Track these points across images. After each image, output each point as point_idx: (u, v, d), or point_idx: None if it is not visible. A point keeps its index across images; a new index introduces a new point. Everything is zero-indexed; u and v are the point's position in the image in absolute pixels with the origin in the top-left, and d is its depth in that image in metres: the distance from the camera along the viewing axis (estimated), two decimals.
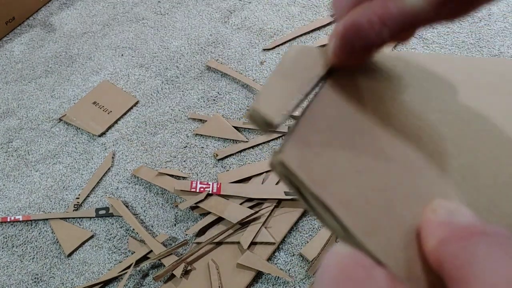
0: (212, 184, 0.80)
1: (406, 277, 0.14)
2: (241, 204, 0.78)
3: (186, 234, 0.78)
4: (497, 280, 0.11)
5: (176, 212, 0.81)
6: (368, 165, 0.17)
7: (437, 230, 0.14)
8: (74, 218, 0.83)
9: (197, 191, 0.80)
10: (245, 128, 0.89)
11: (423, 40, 0.97)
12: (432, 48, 0.96)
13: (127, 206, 0.82)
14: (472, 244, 0.12)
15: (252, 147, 0.87)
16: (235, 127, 0.89)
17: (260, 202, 0.79)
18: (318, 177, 0.16)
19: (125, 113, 0.95)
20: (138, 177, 0.86)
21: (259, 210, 0.77)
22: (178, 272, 0.73)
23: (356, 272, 0.13)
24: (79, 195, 0.85)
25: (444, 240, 0.13)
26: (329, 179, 0.16)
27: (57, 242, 0.80)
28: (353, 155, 0.17)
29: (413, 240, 0.15)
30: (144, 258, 0.77)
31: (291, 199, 0.78)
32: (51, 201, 0.85)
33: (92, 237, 0.80)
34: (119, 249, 0.79)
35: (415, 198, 0.16)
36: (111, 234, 0.80)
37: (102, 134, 0.92)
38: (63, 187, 0.86)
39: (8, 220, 0.83)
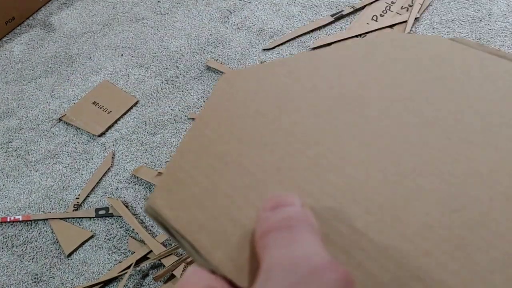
0: None
1: (246, 280, 0.17)
2: None
3: None
4: (271, 261, 0.15)
5: None
6: (222, 187, 0.20)
7: (258, 226, 0.17)
8: (74, 218, 0.83)
9: None
10: None
11: None
12: None
13: (127, 206, 0.82)
14: (266, 238, 0.16)
15: None
16: None
17: None
18: (176, 212, 0.19)
19: (125, 113, 0.95)
20: (138, 177, 0.86)
21: None
22: (178, 272, 0.73)
23: None
24: (79, 195, 0.85)
25: (260, 234, 0.17)
26: (187, 209, 0.19)
27: (57, 242, 0.80)
28: (211, 182, 0.20)
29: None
30: (144, 258, 0.77)
31: None
32: (51, 201, 0.85)
33: (92, 237, 0.80)
34: (119, 249, 0.78)
35: (256, 203, 0.19)
36: (111, 234, 0.80)
37: (102, 134, 0.92)
38: (63, 187, 0.86)
39: (8, 220, 0.83)
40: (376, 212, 0.19)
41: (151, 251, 0.76)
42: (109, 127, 0.93)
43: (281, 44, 1.01)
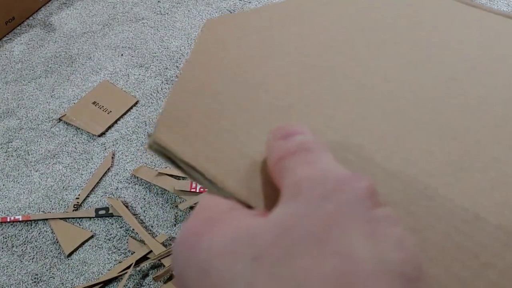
0: None
1: (262, 203, 0.17)
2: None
3: None
4: (297, 178, 0.15)
5: (176, 212, 0.81)
6: (226, 117, 0.21)
7: (272, 153, 0.18)
8: (74, 218, 0.83)
9: (197, 191, 0.80)
10: None
11: None
12: None
13: (127, 206, 0.82)
14: (285, 162, 0.17)
15: None
16: None
17: None
18: (182, 144, 0.20)
19: (125, 113, 0.95)
20: (138, 177, 0.86)
21: None
22: None
23: (212, 213, 0.16)
24: (79, 195, 0.85)
25: (274, 164, 0.17)
26: (193, 141, 0.20)
27: (57, 242, 0.80)
28: (211, 119, 0.21)
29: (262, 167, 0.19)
30: (144, 258, 0.77)
31: None
32: (51, 201, 0.85)
33: (92, 237, 0.80)
34: (119, 249, 0.78)
35: (264, 131, 0.20)
36: (111, 234, 0.80)
37: (102, 134, 0.92)
38: (63, 187, 0.86)
39: (8, 220, 0.83)
40: (379, 141, 0.20)
41: (151, 251, 0.76)
42: (109, 127, 0.93)
43: None
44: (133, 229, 0.79)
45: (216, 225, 0.16)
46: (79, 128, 0.94)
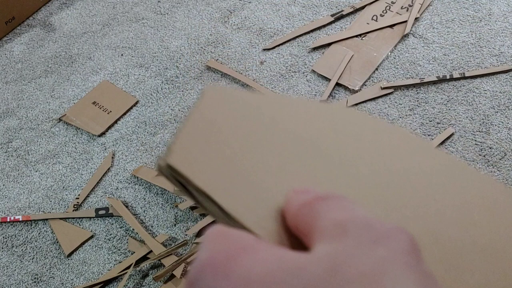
0: None
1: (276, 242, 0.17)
2: None
3: (186, 234, 0.78)
4: (334, 220, 0.15)
5: (176, 212, 0.81)
6: (244, 152, 0.21)
7: (294, 203, 0.18)
8: (74, 218, 0.83)
9: None
10: None
11: (423, 40, 0.97)
12: (432, 48, 0.96)
13: (127, 206, 0.82)
14: (314, 206, 0.17)
15: None
16: None
17: None
18: (198, 171, 0.19)
19: (125, 113, 0.95)
20: (138, 177, 0.86)
21: None
22: (178, 272, 0.73)
23: (243, 239, 0.16)
24: (79, 195, 0.85)
25: (298, 208, 0.17)
26: (208, 171, 0.19)
27: (57, 242, 0.80)
28: (233, 148, 0.21)
29: (279, 215, 0.19)
30: (144, 258, 0.77)
31: None
32: (51, 201, 0.85)
33: (92, 237, 0.80)
34: (119, 249, 0.78)
35: (284, 180, 0.20)
36: (111, 234, 0.80)
37: (102, 134, 0.92)
38: (63, 187, 0.86)
39: (8, 220, 0.83)
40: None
41: (151, 251, 0.76)
42: (109, 127, 0.93)
43: (281, 44, 1.01)
44: (133, 229, 0.79)
45: (252, 252, 0.15)
46: (79, 128, 0.94)
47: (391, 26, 1.01)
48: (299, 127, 0.25)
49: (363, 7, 1.04)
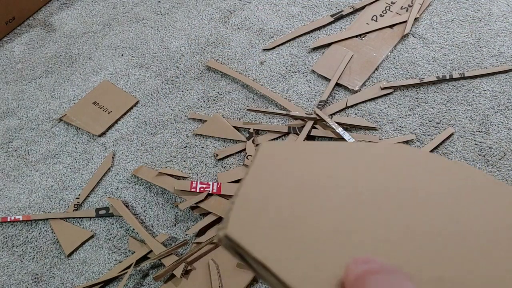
0: (212, 184, 0.81)
1: None
2: None
3: (186, 234, 0.78)
4: None
5: (176, 212, 0.81)
6: (301, 216, 0.21)
7: (351, 274, 0.18)
8: (74, 218, 0.83)
9: (197, 191, 0.80)
10: (245, 128, 0.89)
11: (423, 40, 0.97)
12: (432, 48, 0.96)
13: (127, 206, 0.82)
14: (365, 280, 0.17)
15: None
16: (235, 127, 0.89)
17: None
18: (255, 241, 0.19)
19: (125, 113, 0.95)
20: (138, 177, 0.86)
21: None
22: (178, 272, 0.73)
23: None
24: (79, 195, 0.85)
25: (354, 280, 0.18)
26: (266, 240, 0.20)
27: (57, 242, 0.80)
28: (290, 212, 0.21)
29: (339, 284, 0.19)
30: (144, 258, 0.77)
31: None
32: (51, 201, 0.85)
33: (92, 237, 0.80)
34: (119, 249, 0.79)
35: (343, 244, 0.20)
36: (111, 234, 0.80)
37: (102, 134, 0.92)
38: (63, 187, 0.87)
39: (8, 220, 0.83)
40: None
41: (151, 251, 0.76)
42: (109, 127, 0.93)
43: (281, 44, 1.01)
44: (133, 229, 0.80)
45: None
46: (79, 128, 0.94)
47: (391, 26, 1.01)
48: (357, 179, 0.24)
49: (363, 7, 1.04)
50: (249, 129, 0.88)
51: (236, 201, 0.21)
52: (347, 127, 0.87)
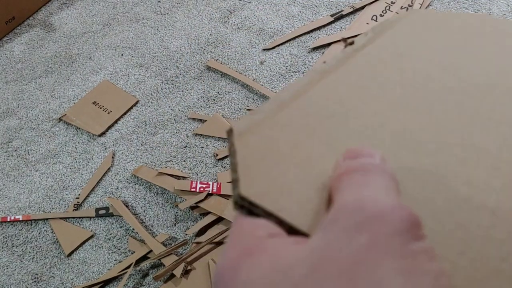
0: (212, 184, 0.80)
1: (310, 226, 0.17)
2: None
3: (186, 234, 0.78)
4: (340, 203, 0.15)
5: (176, 212, 0.81)
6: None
7: (335, 170, 0.18)
8: (74, 218, 0.83)
9: (197, 191, 0.80)
10: None
11: None
12: None
13: (127, 206, 0.82)
14: (340, 180, 0.17)
15: None
16: None
17: None
18: (271, 200, 0.18)
19: (125, 113, 0.95)
20: (138, 177, 0.86)
21: None
22: (178, 272, 0.73)
23: (250, 242, 0.16)
24: (79, 195, 0.85)
25: (335, 176, 0.17)
26: (280, 197, 0.19)
27: (57, 242, 0.80)
28: (295, 157, 0.20)
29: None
30: (144, 258, 0.77)
31: None
32: (51, 201, 0.85)
33: (92, 237, 0.80)
34: (119, 249, 0.79)
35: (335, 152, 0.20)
36: (111, 234, 0.80)
37: (102, 134, 0.92)
38: (63, 187, 0.86)
39: (8, 220, 0.83)
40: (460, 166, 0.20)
41: (151, 250, 0.76)
42: (109, 127, 0.93)
43: (281, 44, 1.01)
44: (133, 229, 0.80)
45: (253, 255, 0.15)
46: (79, 128, 0.94)
47: None
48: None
49: (363, 7, 1.04)
50: None
51: (239, 155, 0.20)
52: None
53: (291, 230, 0.17)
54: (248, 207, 0.18)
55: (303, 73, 0.96)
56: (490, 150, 0.21)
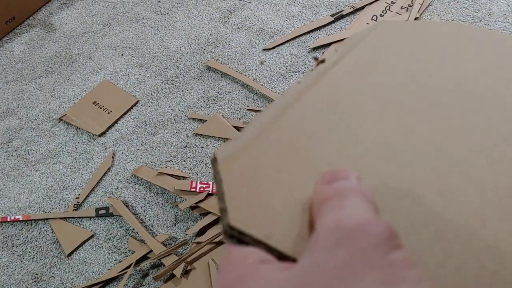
0: (212, 184, 0.80)
1: (298, 251, 0.17)
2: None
3: (186, 234, 0.78)
4: (320, 227, 0.16)
5: (176, 212, 0.81)
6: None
7: (314, 199, 0.18)
8: (74, 218, 0.83)
9: (197, 191, 0.80)
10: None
11: None
12: None
13: (127, 206, 0.82)
14: (319, 208, 0.17)
15: None
16: (235, 127, 0.89)
17: None
18: (259, 227, 0.19)
19: (125, 113, 0.95)
20: (138, 177, 0.86)
21: None
22: (178, 272, 0.73)
23: (242, 269, 0.16)
24: (79, 194, 0.85)
25: (315, 205, 0.18)
26: (268, 223, 0.19)
27: (57, 241, 0.80)
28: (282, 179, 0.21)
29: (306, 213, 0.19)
30: (144, 258, 0.77)
31: None
32: (51, 200, 0.85)
33: (92, 236, 0.80)
34: (119, 249, 0.79)
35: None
36: (111, 234, 0.80)
37: (102, 134, 0.92)
38: (63, 187, 0.86)
39: (8, 220, 0.83)
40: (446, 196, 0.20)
41: (151, 250, 0.76)
42: (109, 127, 0.93)
43: (281, 44, 1.01)
44: (133, 229, 0.80)
45: (245, 281, 0.15)
46: (79, 128, 0.94)
47: None
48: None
49: (363, 7, 1.04)
50: None
51: (225, 184, 0.20)
52: None
53: (281, 256, 0.18)
54: (237, 236, 0.19)
55: (303, 73, 0.96)
56: (463, 158, 0.21)
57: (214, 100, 0.94)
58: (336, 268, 0.14)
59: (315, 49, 0.99)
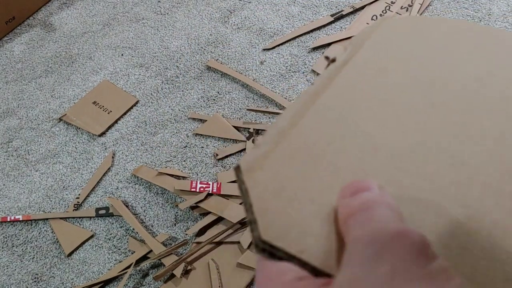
0: (212, 184, 0.81)
1: (332, 265, 0.17)
2: (241, 203, 0.78)
3: (186, 234, 0.78)
4: (353, 242, 0.16)
5: (176, 212, 0.81)
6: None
7: (339, 214, 0.18)
8: (74, 218, 0.83)
9: (197, 191, 0.80)
10: (245, 128, 0.89)
11: None
12: None
13: (127, 206, 0.82)
14: (347, 223, 0.17)
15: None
16: (235, 127, 0.89)
17: None
18: (289, 240, 0.19)
19: (125, 113, 0.95)
20: (138, 177, 0.86)
21: None
22: (178, 272, 0.73)
23: (281, 287, 0.16)
24: (79, 195, 0.85)
25: (342, 222, 0.18)
26: (299, 237, 0.19)
27: (57, 241, 0.80)
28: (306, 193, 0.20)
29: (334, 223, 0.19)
30: (144, 258, 0.77)
31: None
32: (51, 200, 0.85)
33: (92, 236, 0.80)
34: (119, 249, 0.79)
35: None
36: (111, 234, 0.80)
37: (102, 134, 0.92)
38: (63, 187, 0.86)
39: (8, 220, 0.83)
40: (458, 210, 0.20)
41: (151, 250, 0.76)
42: (109, 127, 0.93)
43: (281, 44, 1.01)
44: (133, 229, 0.80)
45: None
46: (79, 128, 0.94)
47: None
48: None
49: (363, 7, 1.04)
50: (249, 129, 0.88)
51: (254, 199, 0.20)
52: None
53: (313, 270, 0.18)
54: (269, 250, 0.19)
55: (303, 73, 0.96)
56: (479, 167, 0.21)
57: (214, 100, 0.94)
58: (377, 283, 0.14)
59: (315, 49, 0.99)
